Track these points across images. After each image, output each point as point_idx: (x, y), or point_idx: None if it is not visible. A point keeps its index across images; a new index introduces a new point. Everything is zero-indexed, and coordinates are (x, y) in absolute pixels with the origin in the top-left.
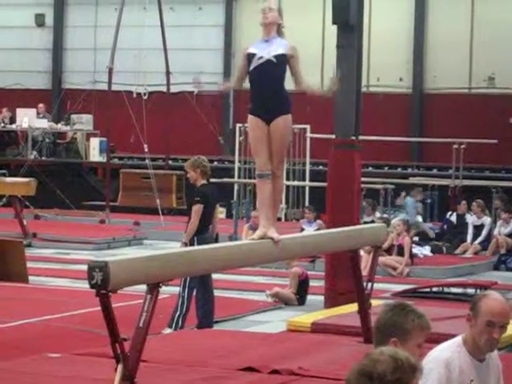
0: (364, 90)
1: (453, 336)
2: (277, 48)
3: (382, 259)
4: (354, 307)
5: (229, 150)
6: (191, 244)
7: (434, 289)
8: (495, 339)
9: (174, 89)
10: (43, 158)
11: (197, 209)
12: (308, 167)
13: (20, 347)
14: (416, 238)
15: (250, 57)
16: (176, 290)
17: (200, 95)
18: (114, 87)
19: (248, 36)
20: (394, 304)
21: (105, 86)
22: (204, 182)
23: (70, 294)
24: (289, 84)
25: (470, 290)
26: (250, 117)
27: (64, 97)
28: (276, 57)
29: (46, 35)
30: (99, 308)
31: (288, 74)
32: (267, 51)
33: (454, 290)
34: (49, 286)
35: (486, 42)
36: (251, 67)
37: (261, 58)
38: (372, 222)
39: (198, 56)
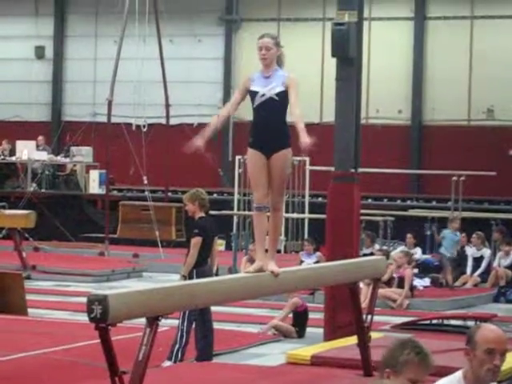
0: (363, 121)
1: (453, 369)
2: (277, 84)
3: (381, 291)
4: (353, 340)
5: (228, 182)
6: (190, 277)
7: (434, 321)
8: (497, 366)
9: (173, 121)
10: (43, 190)
11: (195, 242)
12: (307, 199)
13: (19, 381)
14: (416, 270)
15: (253, 94)
16: (175, 322)
17: (199, 127)
18: (114, 119)
19: (247, 69)
20: (404, 338)
21: (104, 119)
22: (202, 214)
23: (69, 326)
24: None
25: (470, 323)
26: (249, 150)
27: (63, 129)
28: (277, 94)
29: (46, 67)
30: (99, 341)
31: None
32: (268, 88)
33: (453, 322)
34: (48, 319)
35: (485, 75)
36: (254, 104)
37: (263, 95)
38: (371, 254)
39: (197, 88)
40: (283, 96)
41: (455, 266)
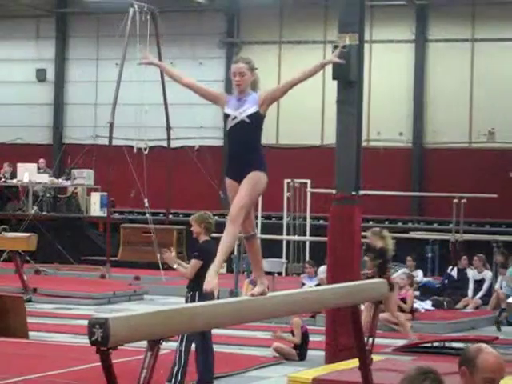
0: (364, 144)
1: None
2: (249, 106)
3: (383, 315)
4: (355, 363)
5: (229, 204)
6: (192, 299)
7: (436, 344)
8: None
9: (174, 144)
10: (44, 213)
11: (194, 263)
12: (308, 222)
13: None
14: (417, 293)
15: (225, 117)
16: (176, 345)
17: (200, 150)
18: (115, 142)
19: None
20: (425, 368)
21: (105, 141)
22: (207, 238)
23: (70, 349)
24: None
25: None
26: (226, 179)
27: (65, 151)
28: (249, 116)
29: (47, 90)
30: (100, 364)
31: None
32: (240, 111)
33: (455, 345)
34: (49, 342)
35: (486, 97)
36: (227, 128)
37: (234, 118)
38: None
39: (198, 111)
40: (256, 118)
41: (457, 288)
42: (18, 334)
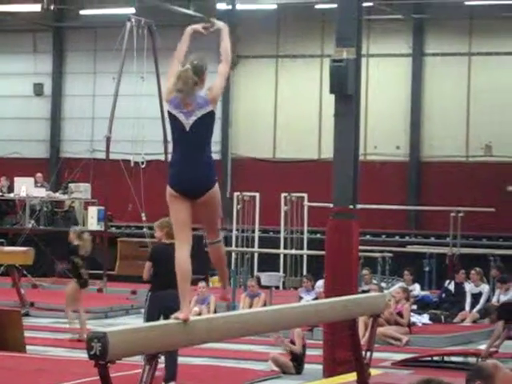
0: (361, 158)
1: None
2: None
3: (380, 330)
4: (353, 376)
5: (226, 218)
6: (146, 300)
7: (435, 358)
8: None
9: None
10: (41, 227)
11: (146, 265)
12: (306, 235)
13: None
14: (414, 307)
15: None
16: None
17: None
18: (112, 156)
19: (246, 105)
20: (428, 377)
21: (103, 155)
22: (166, 240)
23: (67, 363)
24: None
25: (471, 359)
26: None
27: (62, 165)
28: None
29: (45, 104)
30: (97, 378)
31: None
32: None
33: (454, 359)
34: (46, 356)
35: (483, 111)
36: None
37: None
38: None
39: None
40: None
41: (454, 301)
42: (15, 348)
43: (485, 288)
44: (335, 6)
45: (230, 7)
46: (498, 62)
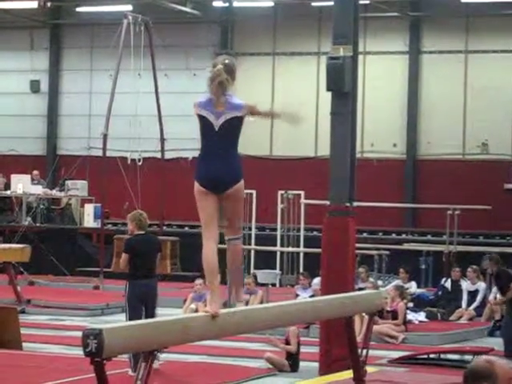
0: (358, 155)
1: None
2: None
3: (377, 327)
4: (349, 374)
5: (223, 215)
6: (126, 288)
7: (431, 355)
8: None
9: (168, 155)
10: (38, 224)
11: (122, 257)
12: (302, 233)
13: None
14: (411, 304)
15: None
16: (170, 356)
17: (194, 161)
18: (109, 153)
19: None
20: None
21: (99, 152)
22: (138, 232)
23: (63, 360)
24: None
25: (468, 357)
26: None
27: (59, 163)
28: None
29: (41, 101)
30: (93, 375)
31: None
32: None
33: (450, 356)
34: (43, 353)
35: (479, 109)
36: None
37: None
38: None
39: (192, 122)
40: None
41: (450, 299)
42: (12, 346)
43: (481, 285)
44: (332, 3)
45: (226, 4)
46: (495, 60)
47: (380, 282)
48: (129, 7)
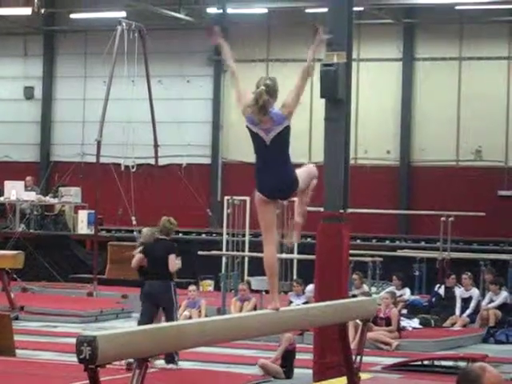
0: (352, 162)
1: None
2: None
3: (370, 334)
4: (342, 381)
5: (217, 222)
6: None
7: (425, 362)
8: None
9: (162, 161)
10: (31, 231)
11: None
12: None
13: None
14: (404, 311)
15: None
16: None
17: (188, 168)
18: (103, 160)
19: (236, 109)
20: None
21: (93, 159)
22: (160, 237)
23: (57, 367)
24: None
25: (461, 363)
26: None
27: (52, 169)
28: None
29: (35, 108)
30: (87, 382)
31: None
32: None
33: (444, 363)
34: (36, 360)
35: (473, 115)
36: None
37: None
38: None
39: (186, 129)
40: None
41: (444, 306)
42: (5, 352)
43: (475, 292)
44: (326, 10)
45: (220, 11)
46: (489, 67)
47: (374, 289)
48: (123, 14)
